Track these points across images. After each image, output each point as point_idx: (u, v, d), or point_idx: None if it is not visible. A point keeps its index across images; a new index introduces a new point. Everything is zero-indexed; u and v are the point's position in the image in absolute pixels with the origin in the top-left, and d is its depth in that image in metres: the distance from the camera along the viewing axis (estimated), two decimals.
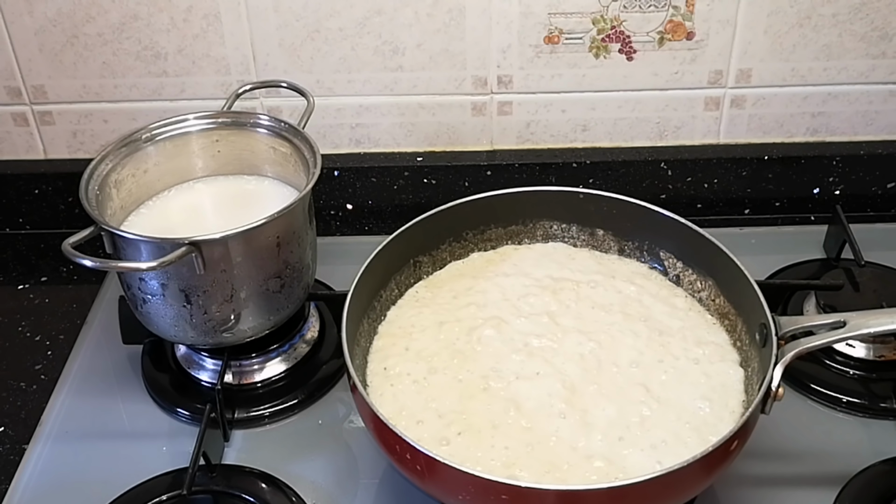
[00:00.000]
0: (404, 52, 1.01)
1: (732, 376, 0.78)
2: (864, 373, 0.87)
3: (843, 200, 1.06)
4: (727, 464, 0.69)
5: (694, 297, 0.85)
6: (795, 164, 1.06)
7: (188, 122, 0.89)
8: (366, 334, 0.81)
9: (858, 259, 0.94)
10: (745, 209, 1.09)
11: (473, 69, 1.02)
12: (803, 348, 0.71)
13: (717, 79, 1.03)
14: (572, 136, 1.07)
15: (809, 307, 0.92)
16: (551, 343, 0.80)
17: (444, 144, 1.08)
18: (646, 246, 0.89)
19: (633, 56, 1.01)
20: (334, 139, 1.07)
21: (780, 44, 1.00)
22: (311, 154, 0.85)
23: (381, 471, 0.81)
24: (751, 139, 1.07)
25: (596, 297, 0.85)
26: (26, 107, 1.05)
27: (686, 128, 1.06)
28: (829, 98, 1.04)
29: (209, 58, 1.01)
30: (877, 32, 1.00)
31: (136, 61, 1.01)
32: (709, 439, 0.71)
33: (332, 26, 0.99)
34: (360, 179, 1.07)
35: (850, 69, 1.02)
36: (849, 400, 0.85)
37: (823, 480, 0.78)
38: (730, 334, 0.82)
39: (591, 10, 0.98)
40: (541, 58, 1.01)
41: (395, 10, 0.98)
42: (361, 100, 1.04)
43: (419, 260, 0.88)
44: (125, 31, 0.99)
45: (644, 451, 0.71)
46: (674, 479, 0.64)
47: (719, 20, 0.99)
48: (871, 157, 1.06)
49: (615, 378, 0.77)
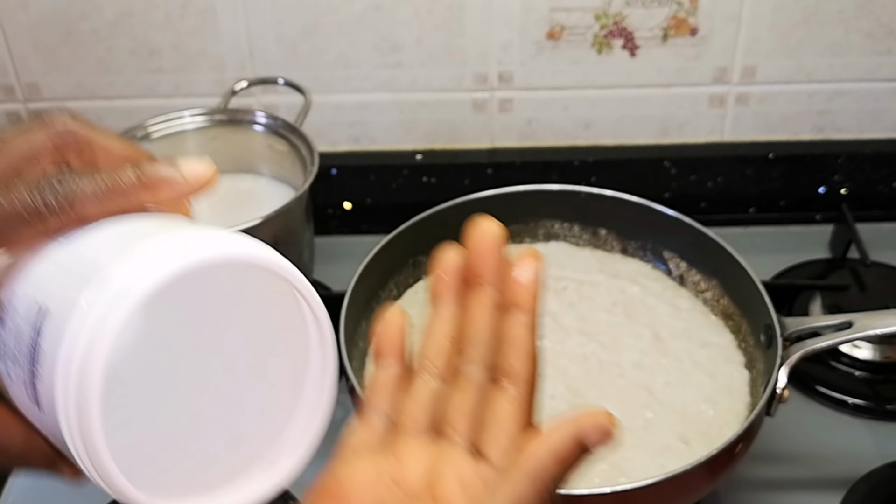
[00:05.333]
0: (403, 48, 1.00)
1: (737, 378, 0.77)
2: (870, 374, 0.86)
3: (849, 199, 1.05)
4: (732, 467, 0.68)
5: (698, 298, 0.85)
6: (801, 163, 1.06)
7: (184, 120, 0.89)
8: (364, 336, 0.81)
9: (865, 259, 0.94)
10: (750, 208, 1.08)
11: (474, 66, 1.01)
12: (809, 349, 0.70)
13: (722, 76, 1.02)
14: (574, 134, 1.06)
15: (815, 308, 0.91)
16: (553, 344, 0.79)
17: (444, 142, 1.07)
18: (649, 245, 0.88)
19: (636, 52, 1.00)
20: (332, 137, 1.06)
21: (785, 40, 0.99)
22: (309, 152, 0.84)
23: None
24: (756, 137, 1.07)
25: (598, 297, 0.84)
26: (20, 104, 1.04)
27: (690, 125, 1.06)
28: (835, 95, 1.04)
29: (205, 54, 1.00)
30: (883, 29, 0.99)
31: (131, 58, 1.00)
32: (713, 442, 0.69)
33: (329, 22, 0.98)
34: (358, 178, 1.07)
35: (857, 66, 1.01)
36: (855, 402, 0.84)
37: (829, 483, 0.78)
38: (734, 335, 0.81)
39: (594, 5, 0.97)
40: (542, 54, 1.00)
41: (393, 5, 0.97)
42: (360, 97, 1.03)
43: (418, 260, 0.87)
44: (120, 27, 0.98)
45: (648, 454, 0.70)
46: (678, 482, 0.63)
47: (724, 16, 0.98)
48: (878, 155, 1.05)
49: (618, 380, 0.76)
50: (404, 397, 0.42)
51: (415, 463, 0.39)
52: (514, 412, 0.40)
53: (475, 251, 0.43)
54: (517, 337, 0.42)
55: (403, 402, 0.42)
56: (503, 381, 0.41)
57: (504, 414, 0.40)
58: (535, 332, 0.42)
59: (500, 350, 0.42)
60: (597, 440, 0.39)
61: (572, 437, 0.39)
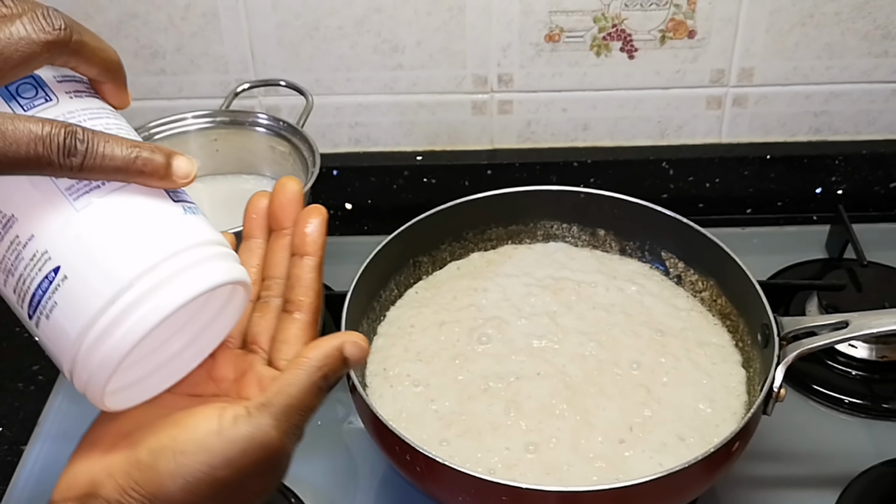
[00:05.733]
0: (404, 50, 1.00)
1: (734, 377, 0.77)
2: (866, 374, 0.87)
3: (846, 200, 1.06)
4: (729, 465, 0.68)
5: (695, 298, 0.85)
6: (798, 164, 1.06)
7: (186, 121, 0.89)
8: (365, 335, 0.80)
9: (861, 259, 0.94)
10: (747, 209, 1.09)
11: (473, 68, 1.02)
12: (805, 349, 0.71)
13: (719, 77, 1.02)
14: (573, 135, 1.07)
15: (812, 307, 0.92)
16: (552, 344, 0.80)
17: (444, 143, 1.07)
18: (647, 246, 0.88)
19: (634, 54, 1.01)
20: (333, 138, 1.07)
21: (782, 42, 1.00)
22: (310, 153, 0.84)
23: (380, 472, 0.81)
24: (753, 138, 1.07)
25: (597, 297, 0.85)
26: None
27: (688, 127, 1.06)
28: (832, 97, 1.04)
29: (207, 56, 1.01)
30: (879, 31, 0.99)
31: (134, 60, 1.01)
32: (710, 440, 0.70)
33: (331, 24, 0.99)
34: (359, 179, 1.07)
35: (853, 68, 1.02)
36: (851, 401, 0.84)
37: (825, 482, 0.78)
38: (731, 335, 0.81)
39: (593, 8, 0.98)
40: (541, 56, 1.01)
41: (394, 8, 0.98)
42: (361, 98, 1.04)
43: (419, 260, 0.88)
44: (123, 29, 0.99)
45: (645, 452, 0.71)
46: (675, 480, 0.63)
47: (721, 18, 0.98)
48: (874, 156, 1.06)
49: (616, 379, 0.77)
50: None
51: (227, 365, 0.51)
52: (300, 334, 0.51)
53: (278, 204, 0.53)
54: (305, 277, 0.52)
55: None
56: (294, 311, 0.52)
57: (292, 336, 0.51)
58: (320, 273, 0.52)
59: (291, 287, 0.52)
60: (352, 352, 0.49)
61: (336, 346, 0.48)
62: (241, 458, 0.45)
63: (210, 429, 0.45)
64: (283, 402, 0.46)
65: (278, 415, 0.46)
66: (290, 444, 0.48)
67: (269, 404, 0.46)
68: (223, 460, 0.45)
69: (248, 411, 0.46)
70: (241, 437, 0.45)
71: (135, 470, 0.45)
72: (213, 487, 0.45)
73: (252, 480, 0.46)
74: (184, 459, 0.44)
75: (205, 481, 0.44)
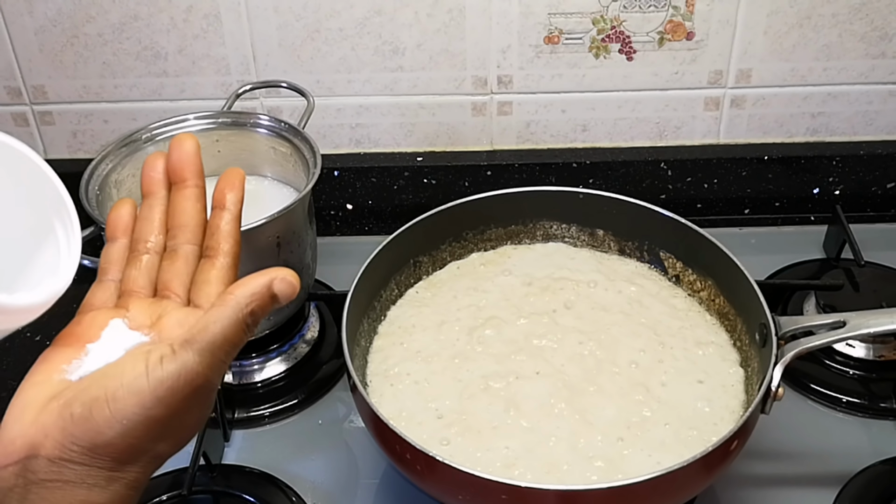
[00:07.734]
0: (404, 52, 1.01)
1: (732, 376, 0.78)
2: (863, 373, 0.87)
3: (843, 200, 1.06)
4: (727, 464, 0.69)
5: (694, 298, 0.86)
6: (795, 164, 1.06)
7: (188, 122, 0.89)
8: (366, 334, 0.81)
9: (858, 259, 0.94)
10: (745, 209, 1.09)
11: (473, 69, 1.02)
12: (803, 348, 0.71)
13: (717, 79, 1.03)
14: (572, 136, 1.07)
15: (809, 307, 0.92)
16: (551, 343, 0.80)
17: (444, 144, 1.08)
18: (646, 246, 0.89)
19: (632, 56, 1.01)
20: (334, 139, 1.07)
21: (779, 44, 1.00)
22: (311, 154, 0.85)
23: (380, 471, 0.81)
24: (751, 139, 1.07)
25: (596, 297, 0.85)
26: (26, 107, 1.05)
27: (686, 128, 1.06)
28: (829, 98, 1.04)
29: (209, 58, 1.01)
30: (877, 32, 1.00)
31: (137, 61, 1.01)
32: (709, 439, 0.71)
33: (332, 26, 0.99)
34: (360, 179, 1.07)
35: (850, 69, 1.02)
36: (849, 400, 0.85)
37: (823, 480, 0.78)
38: (729, 334, 0.82)
39: (591, 10, 0.98)
40: (541, 58, 1.01)
41: (395, 10, 0.98)
42: (361, 100, 1.04)
43: (419, 260, 0.88)
44: (125, 31, 0.99)
45: (644, 450, 0.71)
46: (674, 478, 0.64)
47: (719, 20, 0.99)
48: (871, 157, 1.06)
49: (615, 378, 0.77)
50: (130, 268, 0.55)
51: (142, 314, 0.53)
52: (222, 276, 0.54)
53: (177, 159, 0.56)
54: (223, 227, 0.55)
55: (129, 272, 0.55)
56: (213, 257, 0.54)
57: (214, 278, 0.54)
58: (238, 223, 0.56)
59: (211, 235, 0.55)
60: (281, 288, 0.50)
61: (264, 283, 0.49)
62: (171, 396, 0.47)
63: (138, 372, 0.47)
64: (206, 339, 0.48)
65: (202, 350, 0.48)
66: (216, 378, 0.50)
67: (193, 341, 0.48)
68: (154, 400, 0.47)
69: (173, 349, 0.48)
70: (168, 376, 0.47)
71: (70, 424, 0.46)
72: (148, 427, 0.47)
73: (184, 415, 0.48)
74: (117, 405, 0.46)
75: (140, 423, 0.47)
